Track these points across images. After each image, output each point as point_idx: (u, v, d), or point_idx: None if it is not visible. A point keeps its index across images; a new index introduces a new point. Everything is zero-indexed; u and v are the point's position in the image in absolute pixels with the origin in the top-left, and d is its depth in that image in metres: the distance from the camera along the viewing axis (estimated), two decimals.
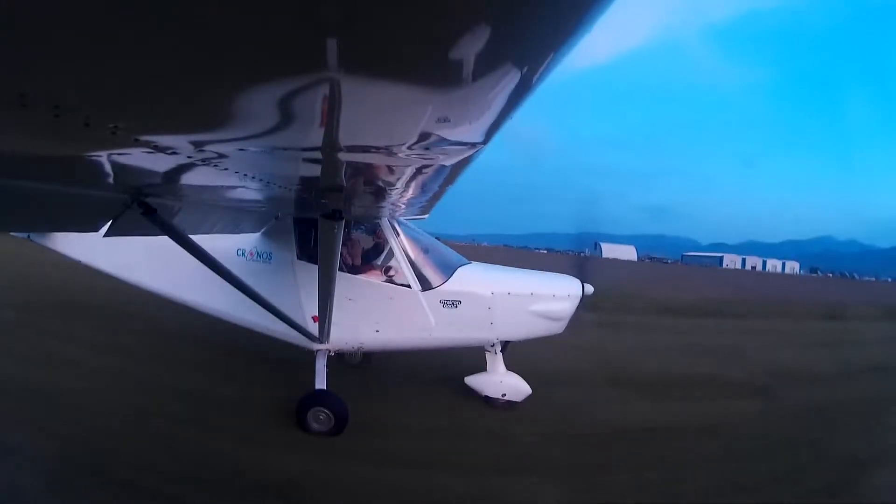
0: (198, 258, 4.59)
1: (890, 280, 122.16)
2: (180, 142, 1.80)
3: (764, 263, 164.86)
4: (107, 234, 3.96)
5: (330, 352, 6.37)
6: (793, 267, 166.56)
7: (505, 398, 6.81)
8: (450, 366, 7.60)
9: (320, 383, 5.99)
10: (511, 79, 1.25)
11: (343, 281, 5.83)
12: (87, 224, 3.98)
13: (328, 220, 4.39)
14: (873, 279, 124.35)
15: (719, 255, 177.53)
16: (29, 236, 6.68)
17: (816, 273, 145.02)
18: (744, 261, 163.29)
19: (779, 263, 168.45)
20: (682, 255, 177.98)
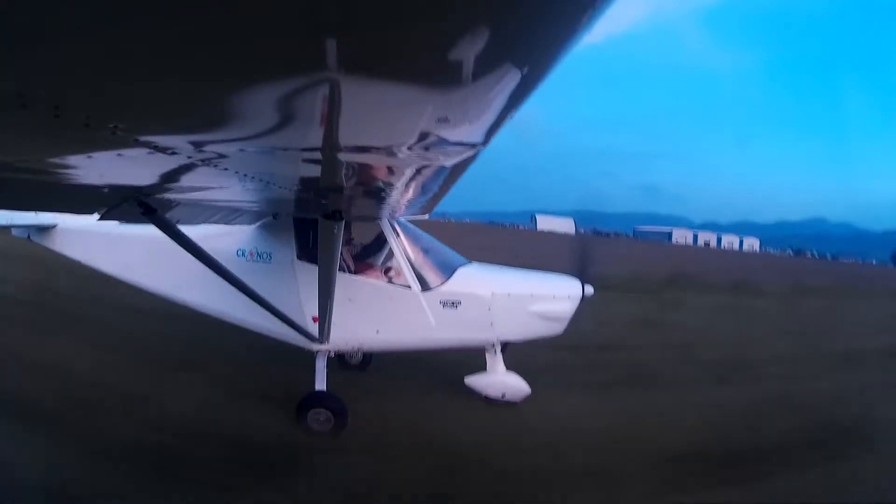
0: (198, 258, 4.58)
1: (874, 262, 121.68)
2: (180, 142, 1.79)
3: (719, 239, 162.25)
4: (101, 219, 3.99)
5: (330, 352, 6.36)
6: (752, 244, 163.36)
7: (505, 398, 6.82)
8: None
9: (320, 384, 5.99)
10: (511, 79, 1.25)
11: (343, 281, 5.82)
12: (83, 211, 4.04)
13: (328, 221, 4.38)
14: (853, 260, 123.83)
15: (669, 229, 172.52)
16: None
17: (788, 253, 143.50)
18: (696, 236, 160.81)
19: (735, 240, 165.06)
20: (634, 230, 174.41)
